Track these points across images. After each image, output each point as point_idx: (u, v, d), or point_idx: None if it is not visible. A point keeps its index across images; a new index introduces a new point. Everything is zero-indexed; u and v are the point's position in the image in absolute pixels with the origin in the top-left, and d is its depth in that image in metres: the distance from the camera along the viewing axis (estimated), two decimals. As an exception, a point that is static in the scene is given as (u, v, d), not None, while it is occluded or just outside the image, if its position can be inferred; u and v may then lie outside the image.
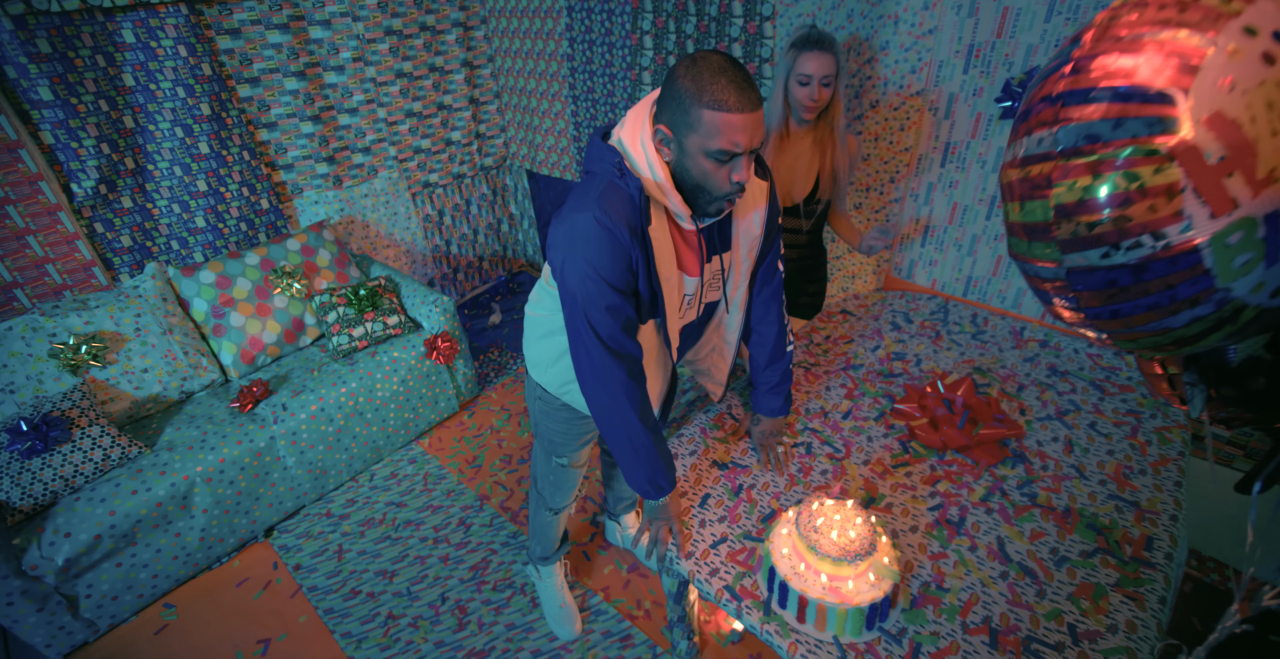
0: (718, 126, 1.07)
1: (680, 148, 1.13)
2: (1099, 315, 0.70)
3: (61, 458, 2.04)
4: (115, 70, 2.39)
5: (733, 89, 1.06)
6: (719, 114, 1.06)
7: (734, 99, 1.06)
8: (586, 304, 1.21)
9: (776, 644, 1.21)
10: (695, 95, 1.06)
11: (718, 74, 1.06)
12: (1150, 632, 1.16)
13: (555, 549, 2.00)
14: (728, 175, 1.14)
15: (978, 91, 1.97)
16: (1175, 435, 1.59)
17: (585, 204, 1.17)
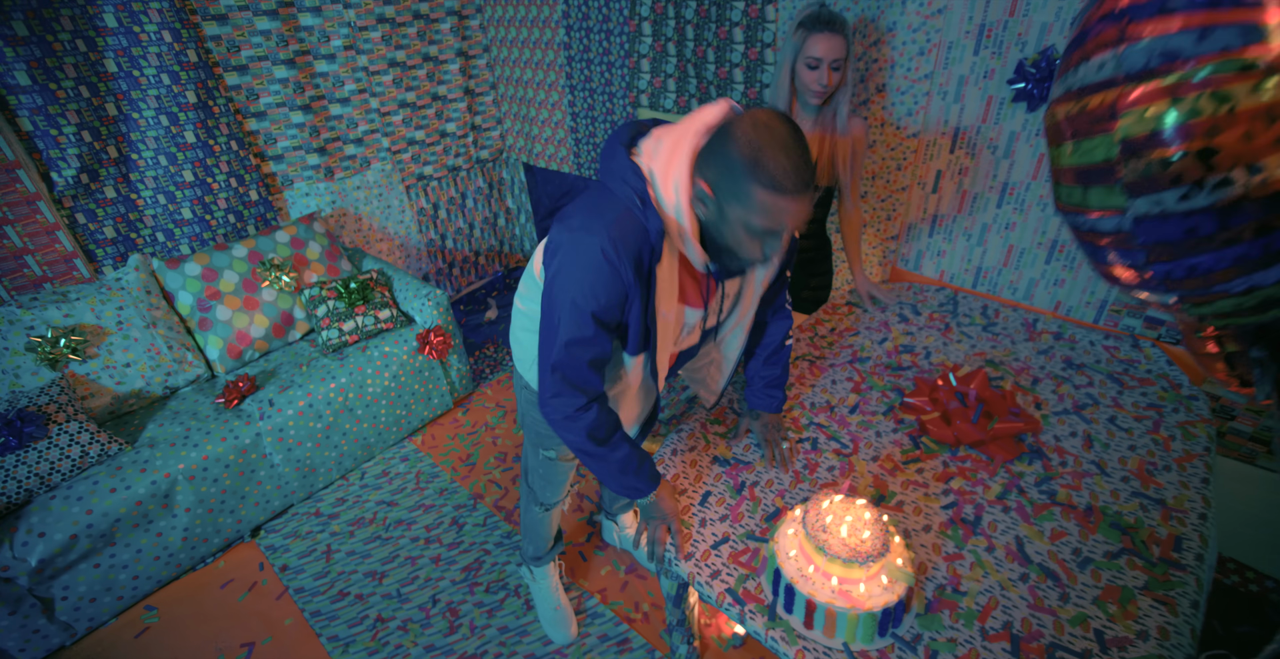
0: (768, 207, 1.00)
1: (719, 213, 1.06)
2: (1171, 273, 0.60)
3: (37, 455, 1.96)
4: (96, 55, 2.31)
5: (792, 169, 0.97)
6: (772, 195, 0.98)
7: (792, 181, 0.97)
8: (563, 326, 1.15)
9: (782, 651, 1.14)
10: (751, 169, 0.98)
11: (779, 150, 0.97)
12: (1184, 638, 1.08)
13: (549, 548, 1.92)
14: (762, 248, 1.08)
15: (989, 74, 1.89)
16: (1200, 430, 1.52)
17: (596, 227, 1.08)
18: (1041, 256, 2.02)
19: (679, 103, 2.71)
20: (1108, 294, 1.95)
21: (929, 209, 2.19)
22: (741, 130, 0.99)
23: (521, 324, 1.46)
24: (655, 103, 2.80)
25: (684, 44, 2.57)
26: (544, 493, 1.75)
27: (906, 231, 2.28)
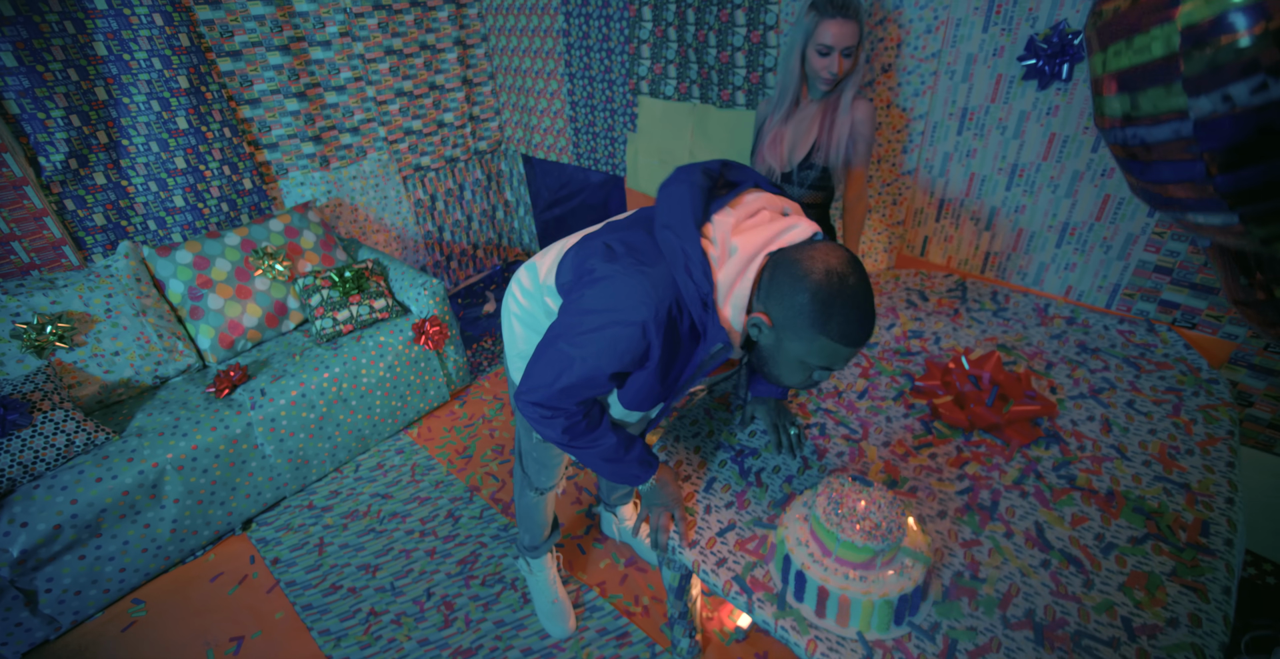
0: (829, 352, 1.00)
1: (775, 343, 1.05)
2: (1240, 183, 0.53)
3: (20, 443, 1.90)
4: (85, 38, 2.26)
5: (859, 324, 0.98)
6: (837, 345, 0.99)
7: (858, 335, 0.98)
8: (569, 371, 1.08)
9: (793, 641, 1.08)
10: (821, 320, 0.97)
11: (851, 306, 0.96)
12: (1217, 626, 1.03)
13: (545, 537, 1.86)
14: (811, 376, 1.07)
15: (998, 51, 1.84)
16: (1222, 414, 1.46)
17: (649, 300, 1.01)
18: (1052, 240, 1.97)
19: (679, 89, 2.66)
20: (1120, 278, 1.90)
21: (936, 193, 2.14)
22: (815, 276, 0.96)
23: (517, 315, 1.39)
24: (655, 89, 2.75)
25: (684, 28, 2.52)
26: (538, 477, 1.69)
27: (913, 217, 2.23)
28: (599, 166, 3.25)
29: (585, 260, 1.11)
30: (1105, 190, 1.82)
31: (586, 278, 1.09)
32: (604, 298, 1.05)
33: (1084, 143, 1.81)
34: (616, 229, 1.16)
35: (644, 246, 1.08)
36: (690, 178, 1.10)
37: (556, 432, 1.17)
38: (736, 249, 1.04)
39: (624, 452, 1.24)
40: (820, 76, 1.70)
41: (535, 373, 1.12)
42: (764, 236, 1.05)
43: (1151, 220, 1.79)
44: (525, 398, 1.14)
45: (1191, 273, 1.77)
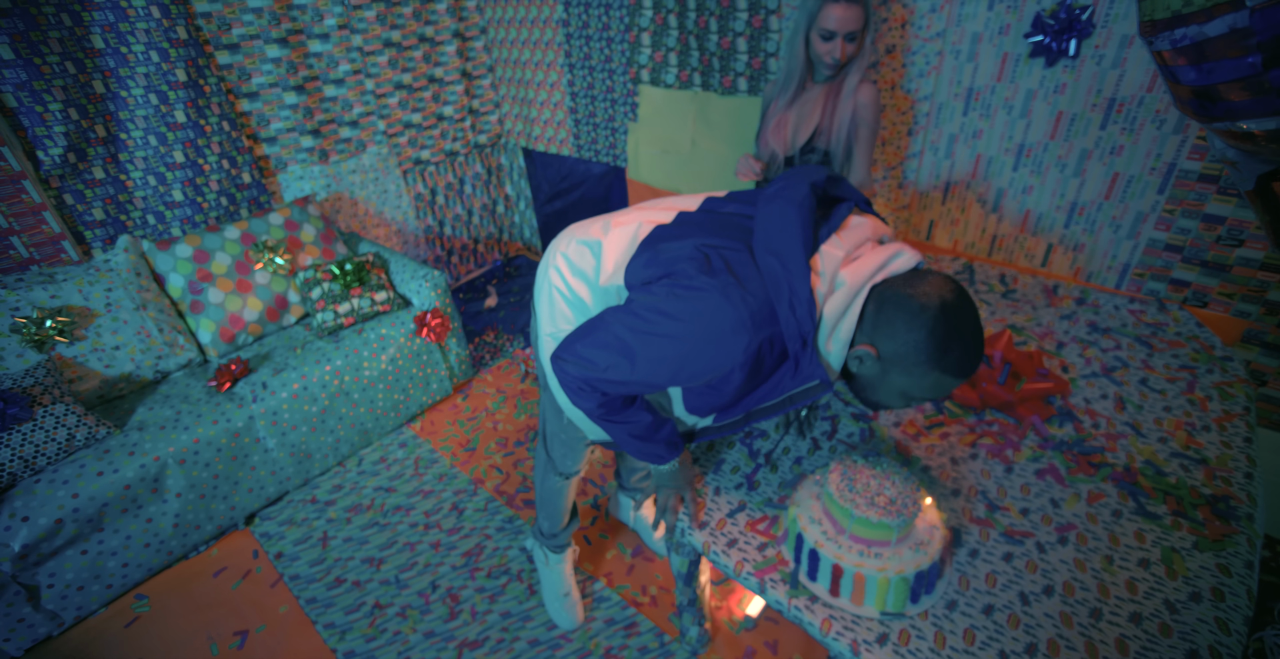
0: (941, 387, 0.97)
1: (879, 374, 1.00)
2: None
3: (21, 437, 1.88)
4: (82, 30, 2.24)
5: (973, 358, 0.95)
6: (950, 378, 0.96)
7: (970, 368, 0.96)
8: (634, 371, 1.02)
9: (807, 621, 1.06)
10: (936, 357, 0.93)
11: (969, 341, 0.94)
12: (1240, 599, 1.00)
13: (564, 525, 1.81)
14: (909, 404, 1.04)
15: (1004, 29, 1.82)
16: (1238, 390, 1.44)
17: (742, 330, 0.96)
18: (1060, 221, 1.95)
19: (681, 77, 2.64)
20: (1130, 258, 1.88)
21: (942, 176, 2.12)
22: (930, 312, 0.93)
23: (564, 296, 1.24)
24: (657, 78, 2.73)
25: (685, 14, 2.50)
26: (563, 460, 1.61)
27: (918, 200, 2.21)
28: (600, 158, 3.23)
29: (674, 262, 1.04)
30: (1114, 168, 1.80)
31: (675, 279, 1.02)
32: (693, 311, 0.97)
33: (1092, 120, 1.78)
34: (709, 232, 1.09)
35: (745, 267, 1.01)
36: (799, 196, 1.04)
37: (592, 405, 1.11)
38: (843, 283, 0.98)
39: (654, 431, 1.19)
40: (823, 61, 1.68)
41: (587, 348, 1.05)
42: (869, 267, 0.99)
43: (1161, 198, 1.76)
44: (570, 369, 1.06)
45: (1203, 250, 1.75)
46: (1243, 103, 0.55)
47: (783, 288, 0.97)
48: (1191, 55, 0.57)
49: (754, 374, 1.02)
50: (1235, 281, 1.73)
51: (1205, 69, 0.56)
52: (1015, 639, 0.98)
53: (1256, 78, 0.53)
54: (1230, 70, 0.54)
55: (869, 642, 1.00)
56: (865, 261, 1.00)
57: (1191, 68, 0.58)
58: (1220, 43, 0.53)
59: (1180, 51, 0.58)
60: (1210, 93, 0.57)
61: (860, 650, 0.99)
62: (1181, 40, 0.57)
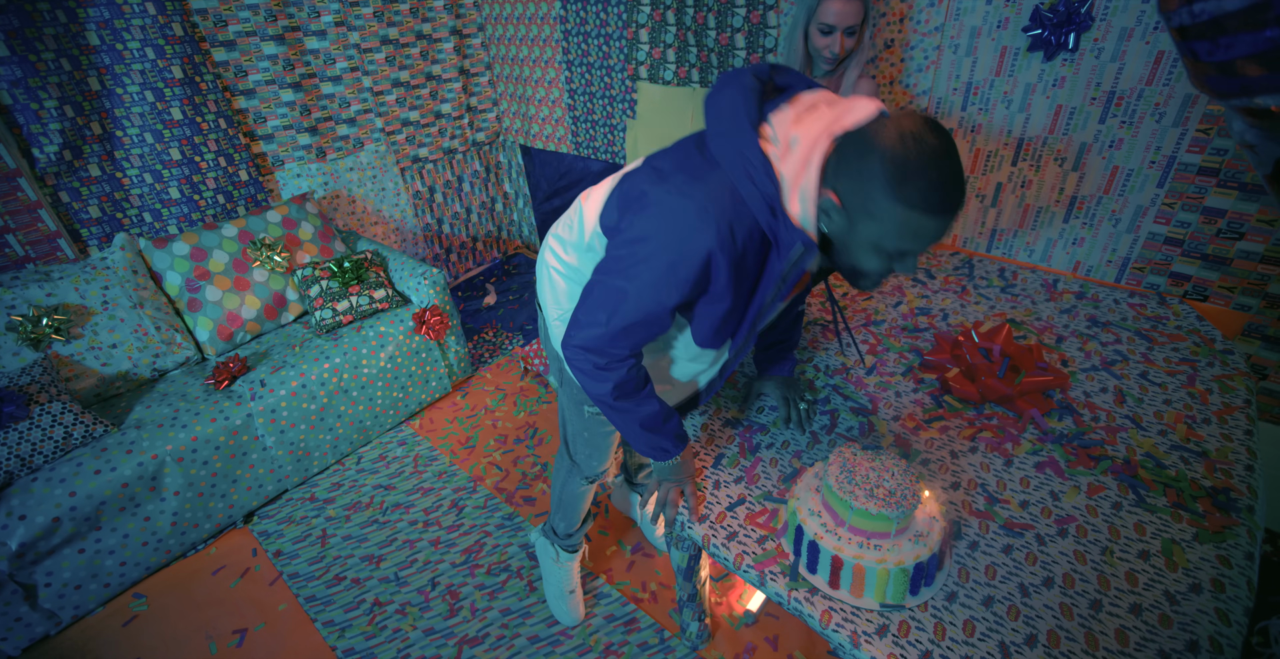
0: (908, 227, 0.86)
1: (848, 228, 0.92)
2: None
3: (18, 436, 1.88)
4: (77, 27, 2.23)
5: (941, 185, 0.83)
6: (915, 214, 0.84)
7: (940, 199, 0.83)
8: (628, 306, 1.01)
9: (807, 613, 1.05)
10: (894, 185, 0.83)
11: (931, 166, 0.82)
12: (1241, 590, 1.00)
13: (579, 526, 1.78)
14: (891, 268, 0.96)
15: (1003, 23, 1.82)
16: (1238, 383, 1.43)
17: (709, 215, 0.93)
18: (1060, 215, 1.94)
19: (679, 74, 2.64)
20: (1130, 252, 1.87)
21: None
22: (886, 140, 0.84)
23: (558, 271, 1.26)
24: (655, 75, 2.73)
25: (683, 11, 2.49)
26: (588, 463, 1.56)
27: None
28: (598, 155, 3.23)
29: (631, 189, 1.03)
30: (1113, 162, 1.80)
31: (634, 205, 1.00)
32: (657, 222, 0.95)
33: (1091, 114, 1.78)
34: (662, 152, 1.09)
35: (693, 160, 0.99)
36: (739, 81, 0.99)
37: (607, 387, 1.09)
38: (798, 140, 0.93)
39: (663, 422, 1.18)
40: (822, 55, 1.67)
41: (586, 312, 1.04)
42: (824, 119, 0.93)
43: (1161, 191, 1.76)
44: (575, 342, 1.06)
45: (1203, 243, 1.74)
46: (1260, 78, 0.55)
47: (735, 161, 0.94)
48: (1210, 30, 0.57)
49: (739, 268, 0.98)
50: (1236, 275, 1.73)
51: (1223, 44, 0.56)
52: (1015, 630, 0.98)
53: (1274, 52, 0.53)
54: (1249, 44, 0.54)
55: (869, 633, 1.00)
56: (819, 115, 0.95)
57: (1209, 42, 0.58)
58: (1239, 16, 0.53)
59: (1199, 26, 0.58)
60: (1228, 68, 0.57)
61: (860, 642, 0.99)
62: (1200, 14, 0.57)
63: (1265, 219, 1.64)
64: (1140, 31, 1.62)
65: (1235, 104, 0.60)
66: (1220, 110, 1.61)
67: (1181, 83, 1.63)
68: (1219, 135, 1.62)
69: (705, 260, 0.95)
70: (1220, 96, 0.61)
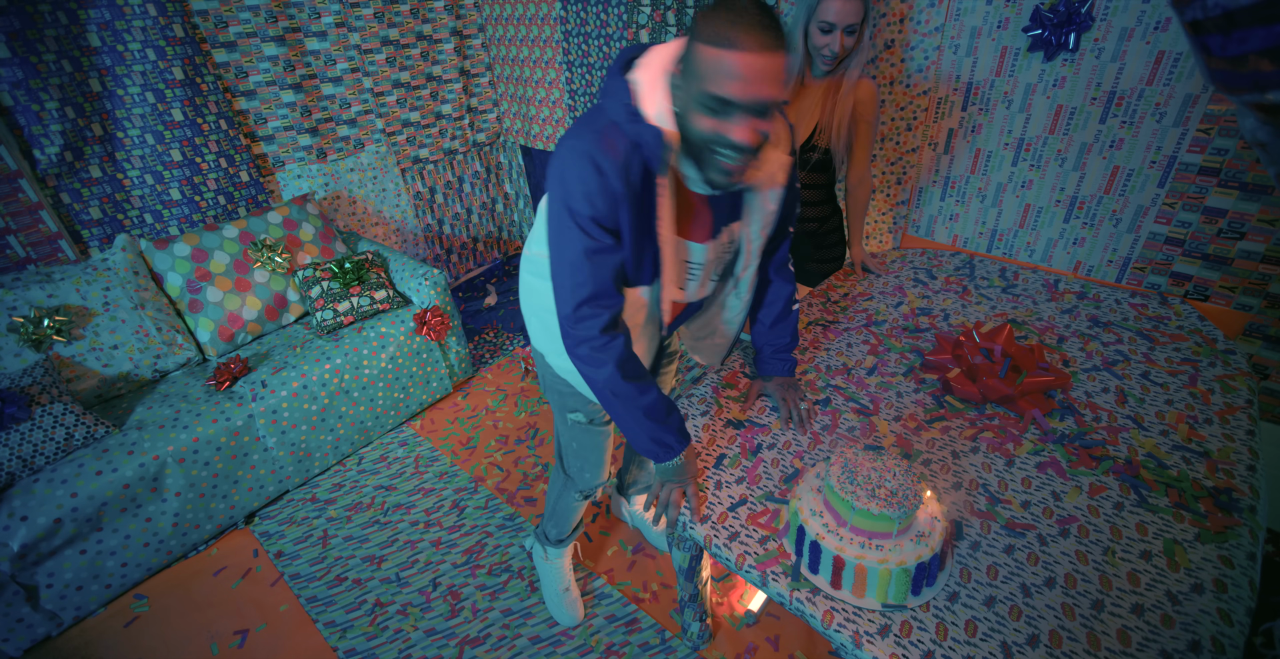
0: (713, 67, 0.90)
1: (686, 97, 0.97)
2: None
3: (20, 437, 1.88)
4: (79, 28, 2.24)
5: (742, 24, 0.86)
6: (716, 51, 0.88)
7: (740, 36, 0.86)
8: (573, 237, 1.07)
9: (809, 613, 1.05)
10: (700, 26, 0.90)
11: (733, 7, 0.88)
12: (1243, 591, 1.00)
13: (571, 532, 1.81)
14: (725, 133, 0.96)
15: (1003, 23, 1.82)
16: (1240, 383, 1.44)
17: (584, 135, 1.03)
18: (1060, 215, 1.94)
19: (679, 74, 2.64)
20: (1131, 252, 1.88)
21: (941, 171, 2.11)
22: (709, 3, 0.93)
23: (531, 271, 1.33)
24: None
25: (683, 12, 2.49)
26: (582, 476, 1.57)
27: (918, 196, 2.20)
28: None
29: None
30: (1114, 162, 1.80)
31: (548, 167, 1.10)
32: (556, 176, 1.05)
33: (1091, 114, 1.78)
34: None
35: (588, 115, 1.09)
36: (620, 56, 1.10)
37: (608, 371, 1.12)
38: (651, 61, 1.04)
39: (665, 415, 1.20)
40: (822, 54, 1.67)
41: (557, 301, 1.12)
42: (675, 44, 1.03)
43: (1162, 191, 1.76)
44: (567, 335, 1.13)
45: (1204, 243, 1.75)
46: (1272, 73, 0.55)
47: (606, 95, 1.05)
48: (1222, 24, 0.57)
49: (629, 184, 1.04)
50: (1237, 275, 1.73)
51: (1236, 38, 0.56)
52: (1017, 631, 0.98)
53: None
54: (1262, 38, 0.54)
55: (871, 633, 1.00)
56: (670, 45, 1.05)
57: (1221, 36, 0.57)
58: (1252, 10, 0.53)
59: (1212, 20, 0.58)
60: (1240, 63, 0.57)
61: (862, 642, 0.99)
62: (1213, 9, 0.56)
63: (1266, 219, 1.64)
64: (1140, 31, 1.62)
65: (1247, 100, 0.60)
66: (1220, 110, 1.61)
67: (1182, 83, 1.63)
68: (1219, 135, 1.62)
69: (594, 166, 1.01)
70: (1232, 92, 0.61)
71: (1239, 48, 0.56)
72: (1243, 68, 0.57)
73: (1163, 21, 1.59)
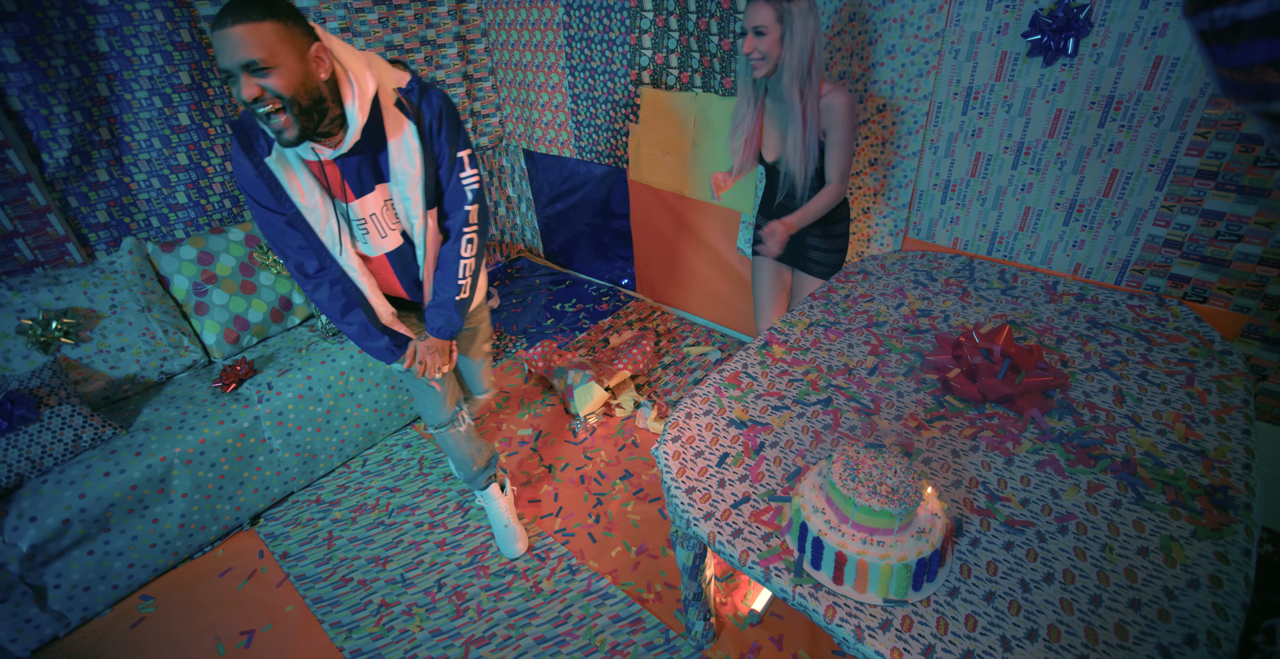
0: (215, 46, 1.18)
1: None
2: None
3: (28, 438, 1.90)
4: (87, 34, 2.26)
5: (224, 6, 1.16)
6: (213, 32, 1.17)
7: (220, 15, 1.15)
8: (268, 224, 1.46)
9: (811, 609, 1.07)
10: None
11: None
12: (1238, 586, 1.01)
13: (475, 471, 1.99)
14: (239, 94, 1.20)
15: (1002, 28, 1.84)
16: (1236, 384, 1.45)
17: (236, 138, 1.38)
18: (1060, 218, 1.96)
19: (682, 78, 2.66)
20: (1129, 254, 1.89)
21: (942, 174, 2.13)
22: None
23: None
24: (658, 79, 2.75)
25: (686, 16, 2.52)
26: (424, 412, 1.87)
27: (918, 199, 2.22)
28: (601, 159, 3.25)
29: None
30: (1113, 165, 1.82)
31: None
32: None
33: (1090, 118, 1.80)
34: None
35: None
36: None
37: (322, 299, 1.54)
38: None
39: (374, 338, 1.61)
40: (745, 57, 1.72)
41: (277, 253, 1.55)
42: None
43: (1160, 194, 1.78)
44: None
45: (1202, 245, 1.76)
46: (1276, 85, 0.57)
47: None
48: (1229, 35, 0.58)
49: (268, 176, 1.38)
50: (1234, 277, 1.75)
51: (1242, 49, 0.58)
52: (1016, 625, 0.99)
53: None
54: (1267, 50, 0.55)
55: (872, 628, 1.01)
56: None
57: (1228, 48, 0.59)
58: (1258, 23, 0.54)
59: (1218, 32, 0.59)
60: (1247, 73, 0.59)
61: (864, 637, 1.00)
62: (1220, 21, 0.58)
63: (1263, 221, 1.66)
64: (1139, 37, 1.65)
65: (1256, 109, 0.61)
66: (1217, 115, 1.63)
67: (1180, 87, 1.65)
68: (1217, 139, 1.64)
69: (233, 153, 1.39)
70: (1241, 101, 0.62)
71: (1245, 59, 0.58)
72: (1250, 78, 0.59)
73: (1160, 27, 1.61)
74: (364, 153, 1.41)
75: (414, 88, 1.44)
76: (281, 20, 1.19)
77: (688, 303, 3.28)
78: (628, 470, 2.40)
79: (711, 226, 2.89)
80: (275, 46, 1.18)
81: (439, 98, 1.47)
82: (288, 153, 1.36)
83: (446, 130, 1.47)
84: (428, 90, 1.47)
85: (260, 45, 1.16)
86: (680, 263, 3.16)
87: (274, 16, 1.18)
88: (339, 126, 1.35)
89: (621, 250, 3.48)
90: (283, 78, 1.21)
